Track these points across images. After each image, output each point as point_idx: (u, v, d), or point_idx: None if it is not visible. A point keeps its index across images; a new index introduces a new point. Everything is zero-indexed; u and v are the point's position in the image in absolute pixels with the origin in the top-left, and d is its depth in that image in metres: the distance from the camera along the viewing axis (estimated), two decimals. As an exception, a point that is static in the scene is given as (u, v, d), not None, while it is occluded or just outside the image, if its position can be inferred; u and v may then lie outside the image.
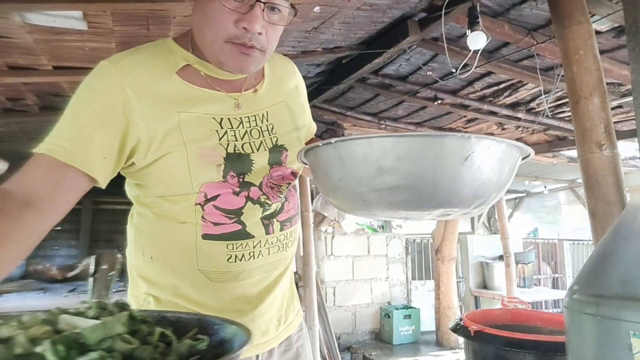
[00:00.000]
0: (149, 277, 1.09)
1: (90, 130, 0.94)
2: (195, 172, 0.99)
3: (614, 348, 0.59)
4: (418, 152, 0.78)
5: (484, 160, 0.78)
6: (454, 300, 6.03)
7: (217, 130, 1.02)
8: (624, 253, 0.64)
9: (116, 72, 0.97)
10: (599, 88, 1.94)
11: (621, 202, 1.81)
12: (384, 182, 0.79)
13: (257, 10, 0.95)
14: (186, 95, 1.01)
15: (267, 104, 1.12)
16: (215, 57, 1.00)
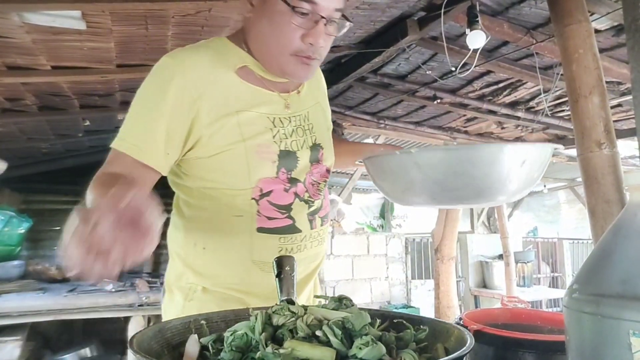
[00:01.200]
0: (197, 266, 1.16)
1: (159, 129, 1.01)
2: (253, 167, 1.07)
3: (614, 347, 0.59)
4: (487, 159, 0.96)
5: (534, 162, 1.00)
6: (453, 299, 6.02)
7: (272, 129, 1.10)
8: (623, 252, 0.64)
9: (181, 71, 1.03)
10: (598, 87, 1.95)
11: (621, 200, 1.81)
12: (456, 184, 0.96)
13: (320, 25, 1.03)
14: (244, 94, 1.09)
15: (308, 104, 1.21)
16: (279, 67, 1.09)
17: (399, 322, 0.82)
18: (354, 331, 0.69)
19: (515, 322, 1.02)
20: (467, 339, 0.67)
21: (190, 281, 1.17)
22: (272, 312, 0.73)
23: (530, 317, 1.04)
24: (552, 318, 1.03)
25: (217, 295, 1.13)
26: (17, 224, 4.58)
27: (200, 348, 0.74)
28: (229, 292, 1.13)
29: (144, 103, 1.05)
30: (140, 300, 3.78)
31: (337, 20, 1.06)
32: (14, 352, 3.39)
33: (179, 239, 1.21)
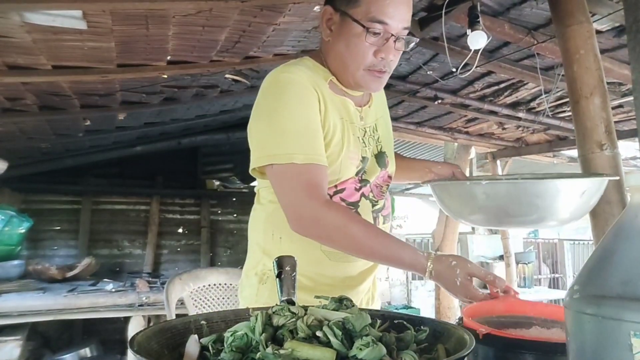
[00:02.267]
0: (273, 254, 1.24)
1: (319, 135, 1.19)
2: (344, 169, 1.24)
3: (615, 348, 0.59)
4: (551, 192, 1.07)
5: (592, 192, 1.15)
6: (454, 300, 6.02)
7: (360, 138, 1.29)
8: (624, 253, 0.64)
9: (307, 84, 1.20)
10: (599, 87, 1.94)
11: (622, 201, 1.81)
12: (521, 211, 1.08)
13: (390, 42, 1.19)
14: (340, 106, 1.27)
15: (375, 117, 1.38)
16: (355, 81, 1.25)
17: (400, 323, 0.83)
18: (354, 332, 0.69)
19: (511, 313, 1.05)
20: (468, 340, 0.67)
21: (267, 267, 1.29)
22: (272, 313, 0.74)
23: (525, 308, 1.05)
24: (546, 309, 1.03)
25: None
26: (18, 224, 4.58)
27: (201, 348, 0.74)
28: (300, 278, 1.21)
29: (300, 120, 1.17)
30: (140, 300, 3.78)
31: (405, 37, 1.23)
32: (13, 351, 3.39)
33: (259, 229, 1.34)
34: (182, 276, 1.90)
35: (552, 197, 1.06)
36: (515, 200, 1.07)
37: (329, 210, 1.14)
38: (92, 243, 5.69)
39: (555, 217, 1.09)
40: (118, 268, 5.65)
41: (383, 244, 1.15)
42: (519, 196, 1.07)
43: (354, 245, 1.16)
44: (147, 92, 3.47)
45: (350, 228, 1.13)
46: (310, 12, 2.50)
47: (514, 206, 1.08)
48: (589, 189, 1.08)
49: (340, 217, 1.14)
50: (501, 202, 1.09)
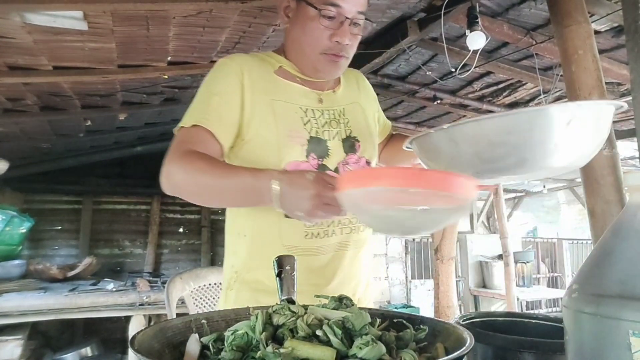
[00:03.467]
0: (239, 254, 1.27)
1: (221, 106, 1.18)
2: (283, 149, 1.19)
3: (613, 347, 0.59)
4: (523, 125, 0.89)
5: (584, 122, 0.89)
6: (453, 299, 6.02)
7: (302, 118, 1.24)
8: (623, 252, 0.64)
9: (234, 65, 1.22)
10: (598, 87, 1.95)
11: (620, 201, 1.81)
12: (495, 154, 0.93)
13: (345, 26, 1.18)
14: (280, 89, 1.25)
15: (343, 102, 1.35)
16: (312, 66, 1.25)
17: (399, 322, 0.83)
18: (354, 331, 0.69)
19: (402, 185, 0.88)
20: (467, 338, 0.68)
21: (234, 270, 1.28)
22: (272, 312, 0.74)
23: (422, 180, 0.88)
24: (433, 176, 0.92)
25: (251, 286, 1.23)
26: (19, 224, 4.59)
27: (201, 347, 0.74)
28: (264, 279, 1.20)
29: (205, 91, 1.21)
30: (141, 299, 3.79)
31: (360, 21, 1.21)
32: (15, 351, 3.39)
33: (229, 229, 1.31)
34: (182, 275, 1.90)
35: (526, 132, 0.88)
36: (484, 141, 0.92)
37: (179, 160, 1.08)
38: (93, 243, 5.69)
39: (541, 159, 0.90)
40: (119, 267, 5.66)
41: (225, 176, 1.06)
42: (487, 136, 0.91)
43: (201, 189, 1.09)
44: (148, 92, 3.48)
45: (194, 172, 1.06)
46: (310, 13, 2.50)
47: (485, 149, 0.92)
48: (578, 118, 0.87)
49: (186, 163, 1.08)
50: (471, 147, 0.94)
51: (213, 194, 1.10)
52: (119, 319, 4.19)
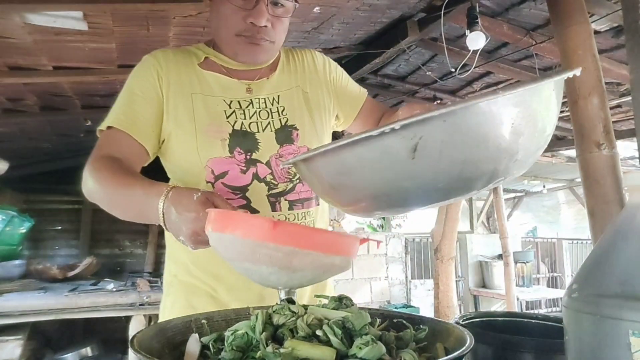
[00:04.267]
0: (173, 257, 1.21)
1: (139, 105, 1.11)
2: (201, 145, 1.11)
3: (613, 347, 0.59)
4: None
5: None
6: (453, 299, 6.02)
7: (225, 110, 1.15)
8: (623, 252, 0.64)
9: (153, 61, 1.15)
10: (597, 88, 1.95)
11: (620, 201, 1.81)
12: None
13: (261, 6, 1.08)
14: (203, 82, 1.17)
15: (279, 88, 1.23)
16: (230, 49, 1.15)
17: (399, 322, 0.83)
18: (354, 331, 0.69)
19: None
20: (467, 338, 0.68)
21: (172, 273, 1.21)
22: (272, 312, 0.74)
23: None
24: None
25: (188, 287, 1.16)
26: (19, 224, 4.58)
27: (201, 347, 0.74)
28: (198, 282, 1.15)
29: (124, 90, 1.15)
30: (141, 299, 3.78)
31: (284, 1, 1.11)
32: (15, 351, 3.39)
33: (167, 233, 1.22)
34: (182, 276, 1.90)
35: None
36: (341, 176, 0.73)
37: (90, 167, 1.03)
38: (93, 243, 5.69)
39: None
40: (119, 267, 5.65)
41: (121, 187, 0.98)
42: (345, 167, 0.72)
43: (104, 199, 1.02)
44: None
45: (99, 181, 1.00)
46: (310, 13, 2.50)
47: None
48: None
49: (95, 170, 1.02)
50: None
51: (112, 205, 1.03)
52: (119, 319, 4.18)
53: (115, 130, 1.09)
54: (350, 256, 0.78)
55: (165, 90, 1.13)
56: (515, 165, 0.73)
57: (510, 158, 0.71)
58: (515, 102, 0.67)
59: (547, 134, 0.76)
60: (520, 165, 0.74)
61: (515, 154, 0.71)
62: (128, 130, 1.09)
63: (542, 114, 0.71)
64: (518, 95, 0.66)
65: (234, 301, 1.09)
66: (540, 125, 0.72)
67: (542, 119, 0.72)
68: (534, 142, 0.73)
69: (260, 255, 0.72)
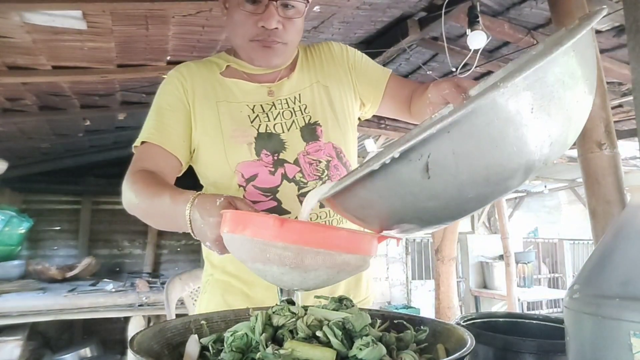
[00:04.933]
0: (211, 258, 1.25)
1: (168, 119, 1.17)
2: (229, 151, 1.15)
3: (614, 348, 0.58)
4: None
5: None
6: (454, 300, 6.03)
7: (249, 115, 1.19)
8: (624, 253, 0.64)
9: (178, 75, 1.21)
10: (599, 87, 1.94)
11: (621, 201, 1.81)
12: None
13: (271, 9, 1.10)
14: (226, 89, 1.21)
15: (300, 87, 1.26)
16: (246, 55, 1.19)
17: (400, 323, 0.82)
18: (354, 332, 0.68)
19: None
20: (468, 339, 0.67)
21: (208, 273, 1.26)
22: (272, 313, 0.73)
23: None
24: None
25: (223, 285, 1.20)
26: (18, 224, 4.58)
27: (201, 348, 0.74)
28: (233, 281, 1.19)
29: (153, 107, 1.20)
30: (140, 300, 3.78)
31: (295, 2, 1.13)
32: (14, 351, 3.39)
33: None
34: (182, 276, 1.90)
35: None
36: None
37: (127, 181, 1.07)
38: (92, 243, 5.69)
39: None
40: (118, 268, 5.66)
41: (151, 198, 1.00)
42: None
43: (140, 211, 1.05)
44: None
45: (135, 194, 1.03)
46: (310, 12, 2.50)
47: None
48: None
49: (131, 183, 1.05)
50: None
51: (147, 216, 1.06)
52: (118, 320, 4.20)
53: (148, 144, 1.14)
54: (368, 255, 0.76)
55: (191, 102, 1.18)
56: (555, 148, 0.64)
57: (542, 145, 0.62)
58: (525, 87, 0.57)
59: (586, 94, 0.65)
60: (561, 144, 0.66)
61: (548, 138, 0.62)
62: (160, 143, 1.14)
63: (568, 81, 0.60)
64: (525, 79, 0.57)
65: (269, 299, 1.10)
66: (571, 93, 0.61)
67: (571, 85, 0.61)
68: (569, 114, 0.63)
69: (270, 254, 0.70)
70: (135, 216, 1.09)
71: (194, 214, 0.87)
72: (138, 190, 1.03)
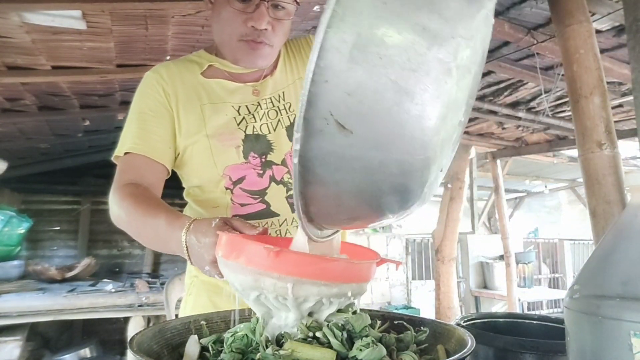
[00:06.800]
0: None
1: (151, 125, 1.12)
2: (217, 155, 1.13)
3: (615, 348, 0.58)
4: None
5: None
6: (454, 300, 6.02)
7: (235, 117, 1.15)
8: (624, 253, 0.64)
9: (157, 77, 1.15)
10: (599, 87, 1.94)
11: (622, 201, 1.81)
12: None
13: (262, 9, 1.07)
14: (209, 91, 1.17)
15: (283, 84, 1.23)
16: (232, 54, 1.15)
17: (400, 324, 0.82)
18: (354, 332, 0.68)
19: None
20: (468, 341, 0.67)
21: (192, 274, 1.24)
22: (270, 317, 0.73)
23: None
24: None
25: (210, 287, 1.19)
26: (17, 224, 4.58)
27: (200, 349, 0.74)
28: (221, 282, 1.14)
29: (133, 111, 1.16)
30: (140, 300, 3.78)
31: (285, 4, 1.11)
32: (13, 352, 3.39)
33: None
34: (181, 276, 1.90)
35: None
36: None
37: (113, 196, 1.06)
38: (91, 243, 5.69)
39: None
40: (117, 268, 5.65)
41: (143, 217, 0.98)
42: None
43: (129, 228, 1.03)
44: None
45: (124, 210, 1.02)
46: (310, 12, 2.50)
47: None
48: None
49: (119, 199, 1.04)
50: None
51: (139, 235, 1.04)
52: (117, 320, 4.19)
53: (133, 155, 1.11)
54: (365, 282, 0.73)
55: (174, 106, 1.14)
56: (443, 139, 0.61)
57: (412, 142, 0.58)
58: None
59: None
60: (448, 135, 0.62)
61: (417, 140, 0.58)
62: (145, 153, 1.11)
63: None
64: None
65: None
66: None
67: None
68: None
69: (264, 284, 0.68)
70: None
71: (190, 239, 0.85)
72: (128, 208, 1.01)
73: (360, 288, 0.73)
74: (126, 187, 1.07)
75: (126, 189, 1.06)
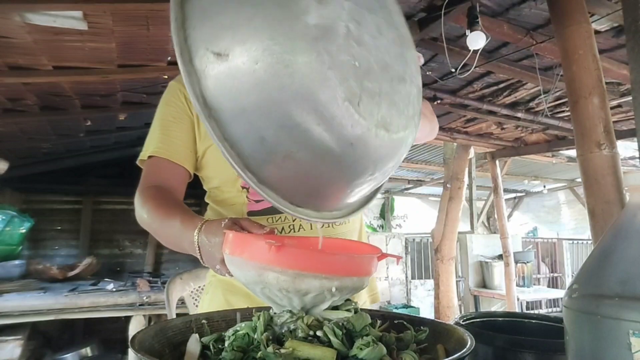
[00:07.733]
0: None
1: (173, 130, 1.18)
2: (214, 168, 1.19)
3: (614, 347, 0.59)
4: None
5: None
6: (453, 299, 6.02)
7: None
8: (623, 252, 0.64)
9: (179, 85, 1.21)
10: (598, 87, 1.95)
11: (620, 201, 1.81)
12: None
13: None
14: None
15: None
16: None
17: (400, 323, 0.83)
18: (354, 332, 0.69)
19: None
20: (468, 340, 0.67)
21: (211, 274, 1.30)
22: (273, 313, 0.74)
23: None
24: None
25: (226, 286, 1.23)
26: (19, 224, 4.58)
27: (202, 347, 0.74)
28: (235, 281, 1.18)
29: (157, 118, 1.22)
30: (141, 299, 3.78)
31: None
32: (15, 351, 3.39)
33: None
34: (182, 276, 1.90)
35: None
36: None
37: (138, 198, 1.10)
38: (93, 243, 5.69)
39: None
40: (119, 268, 5.65)
41: (161, 219, 1.04)
42: None
43: (151, 230, 1.08)
44: (148, 92, 3.47)
45: (146, 213, 1.06)
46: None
47: None
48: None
49: (143, 201, 1.08)
50: None
51: (158, 235, 1.09)
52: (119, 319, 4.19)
53: (156, 158, 1.17)
54: (367, 276, 0.76)
55: (194, 112, 1.19)
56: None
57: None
58: None
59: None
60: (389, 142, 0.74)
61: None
62: (168, 156, 1.17)
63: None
64: None
65: None
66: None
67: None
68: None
69: (267, 278, 0.70)
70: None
71: (201, 239, 0.89)
72: (150, 209, 1.06)
73: (361, 282, 0.75)
74: (149, 189, 1.13)
75: (149, 192, 1.12)
